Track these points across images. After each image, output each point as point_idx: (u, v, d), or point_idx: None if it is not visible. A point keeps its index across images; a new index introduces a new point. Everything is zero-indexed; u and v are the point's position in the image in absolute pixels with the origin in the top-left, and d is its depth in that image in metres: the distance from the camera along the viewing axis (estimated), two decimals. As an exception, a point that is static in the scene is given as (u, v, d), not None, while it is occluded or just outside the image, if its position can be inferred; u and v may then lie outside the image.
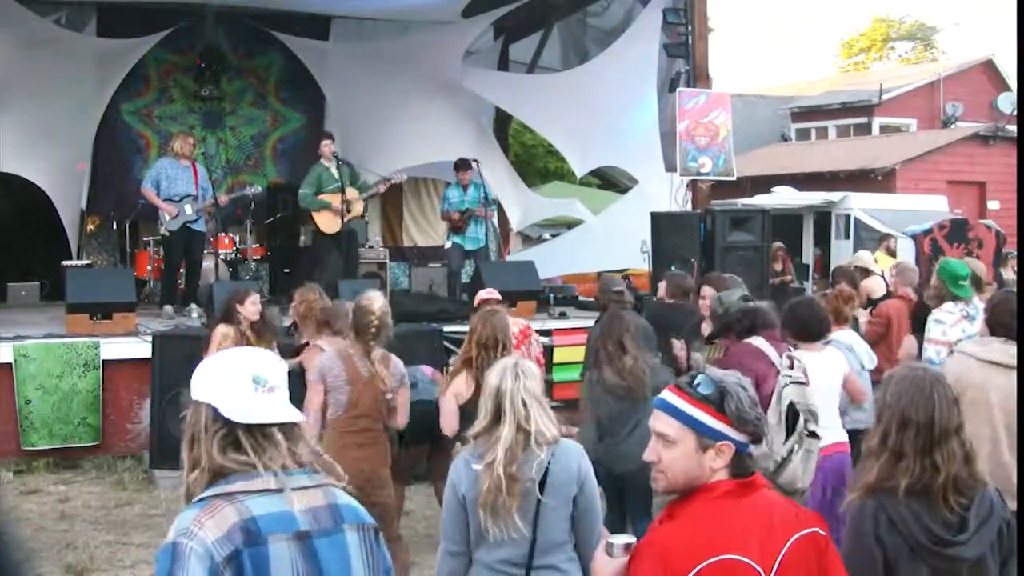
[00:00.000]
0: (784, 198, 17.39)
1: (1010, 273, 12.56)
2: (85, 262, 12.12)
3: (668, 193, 10.55)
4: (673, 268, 9.02)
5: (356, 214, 10.80)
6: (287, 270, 12.27)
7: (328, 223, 10.50)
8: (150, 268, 11.33)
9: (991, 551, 2.75)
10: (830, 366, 5.31)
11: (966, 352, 4.43)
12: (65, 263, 11.29)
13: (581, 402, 5.95)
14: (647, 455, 2.43)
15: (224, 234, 11.48)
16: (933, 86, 25.62)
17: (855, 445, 5.07)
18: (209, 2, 12.53)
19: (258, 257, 12.27)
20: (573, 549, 3.42)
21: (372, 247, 12.29)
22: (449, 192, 11.52)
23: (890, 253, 12.63)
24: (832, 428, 5.06)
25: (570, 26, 13.69)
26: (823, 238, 16.98)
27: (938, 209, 16.33)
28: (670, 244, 9.69)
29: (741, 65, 58.03)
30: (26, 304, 11.73)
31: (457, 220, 11.30)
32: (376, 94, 13.10)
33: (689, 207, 10.66)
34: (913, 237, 13.53)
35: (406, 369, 5.51)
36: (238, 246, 11.86)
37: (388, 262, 11.99)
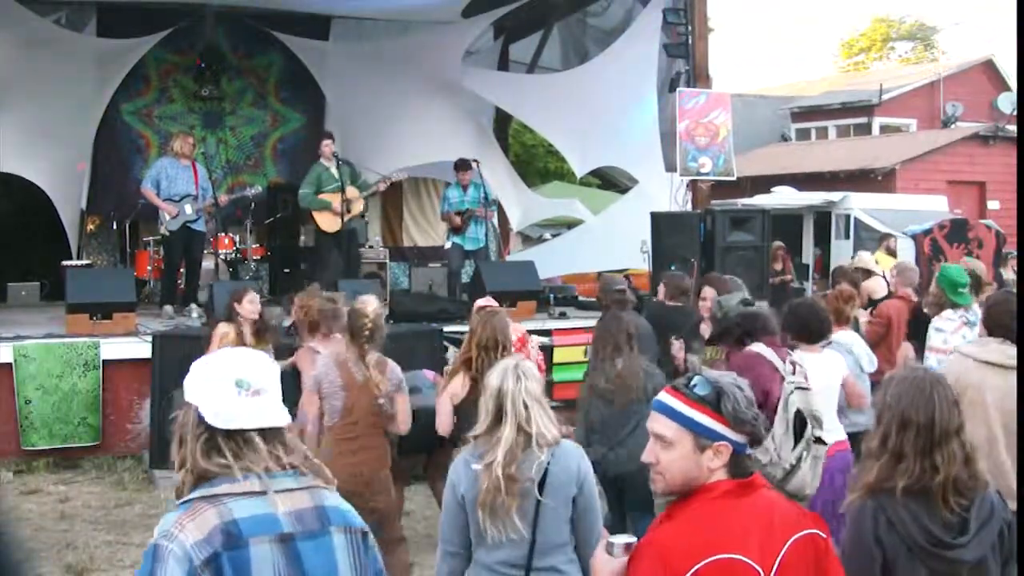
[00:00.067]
0: (784, 198, 17.38)
1: (1010, 273, 12.55)
2: (85, 262, 12.10)
3: (668, 193, 10.55)
4: (673, 268, 9.02)
5: (356, 213, 10.81)
6: (287, 270, 12.27)
7: (328, 222, 10.51)
8: (150, 268, 11.32)
9: (992, 553, 2.75)
10: (830, 368, 5.31)
11: (964, 353, 4.44)
12: (65, 263, 11.27)
13: (577, 403, 5.98)
14: (645, 456, 2.44)
15: (224, 234, 11.47)
16: (933, 86, 25.61)
17: (854, 448, 5.08)
18: (209, 2, 12.52)
19: (258, 257, 12.27)
20: (573, 551, 3.42)
21: (372, 247, 12.28)
22: (449, 192, 11.52)
23: (890, 253, 12.63)
24: (833, 430, 5.06)
25: (570, 26, 13.68)
26: (823, 238, 16.97)
27: (938, 209, 16.33)
28: (670, 244, 9.69)
29: (741, 65, 58.14)
30: (26, 304, 11.73)
31: (458, 223, 11.31)
32: (376, 94, 13.10)
33: (689, 207, 10.65)
34: (913, 237, 13.54)
35: (409, 374, 5.50)
36: (238, 246, 11.85)
37: (388, 262, 11.98)
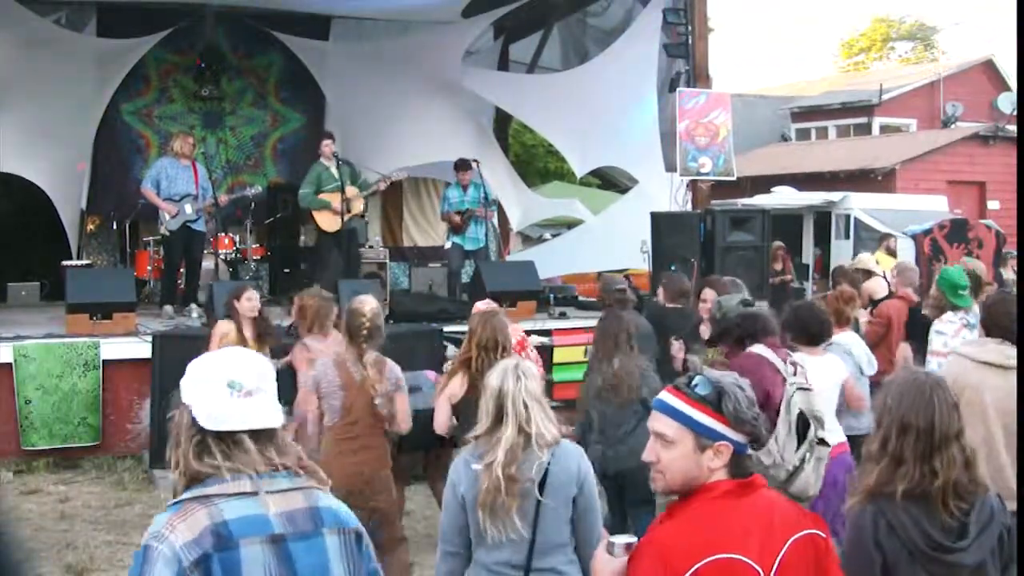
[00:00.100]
0: (784, 198, 17.39)
1: (1010, 273, 12.56)
2: (85, 262, 12.10)
3: (668, 193, 10.54)
4: (673, 268, 9.02)
5: (356, 213, 10.81)
6: (287, 270, 12.28)
7: (328, 222, 10.50)
8: (150, 268, 11.32)
9: (991, 557, 2.74)
10: (830, 371, 5.31)
11: (962, 353, 4.43)
12: (65, 263, 11.27)
13: (577, 403, 6.00)
14: (646, 455, 2.44)
15: (224, 234, 11.47)
16: (933, 86, 25.61)
17: (853, 451, 5.08)
18: (209, 2, 12.52)
19: (258, 257, 12.27)
20: (573, 551, 3.42)
21: (372, 247, 12.27)
22: (449, 192, 11.52)
23: (890, 253, 12.64)
24: (832, 431, 5.05)
25: (570, 26, 13.68)
26: (823, 238, 16.98)
27: (938, 209, 16.34)
28: (670, 244, 9.69)
29: (741, 65, 58.13)
30: (26, 304, 11.72)
31: (458, 223, 11.31)
32: (376, 94, 13.09)
33: (689, 207, 10.65)
34: (913, 237, 13.55)
35: (410, 374, 5.50)
36: (238, 246, 11.85)
37: (388, 262, 11.97)
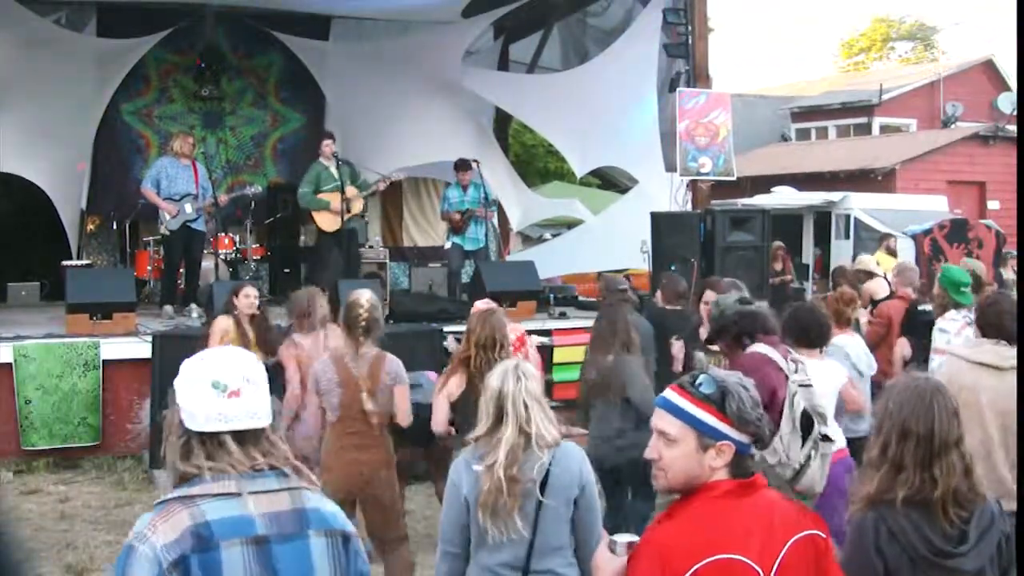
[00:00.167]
0: (784, 198, 17.40)
1: (1010, 273, 12.57)
2: (85, 262, 12.10)
3: (668, 193, 10.54)
4: (673, 268, 9.02)
5: (356, 213, 10.81)
6: (287, 270, 12.28)
7: (328, 222, 10.50)
8: (150, 268, 11.32)
9: (990, 564, 2.74)
10: (828, 375, 5.29)
11: (957, 354, 4.43)
12: (65, 263, 11.26)
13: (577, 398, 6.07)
14: (648, 453, 2.44)
15: (224, 234, 11.47)
16: (933, 86, 25.62)
17: (853, 453, 5.08)
18: (209, 2, 12.51)
19: (258, 257, 12.28)
20: (573, 554, 3.41)
21: (372, 247, 12.27)
22: (449, 192, 11.51)
23: (890, 253, 12.65)
24: (833, 435, 5.04)
25: (570, 26, 13.68)
26: (823, 238, 16.99)
27: (938, 209, 16.35)
28: (670, 244, 9.68)
29: (741, 65, 58.14)
30: (26, 304, 11.72)
31: (458, 221, 11.30)
32: (376, 94, 13.09)
33: (689, 207, 10.64)
34: (913, 237, 13.57)
35: (412, 374, 5.51)
36: (238, 246, 11.86)
37: (388, 262, 11.97)
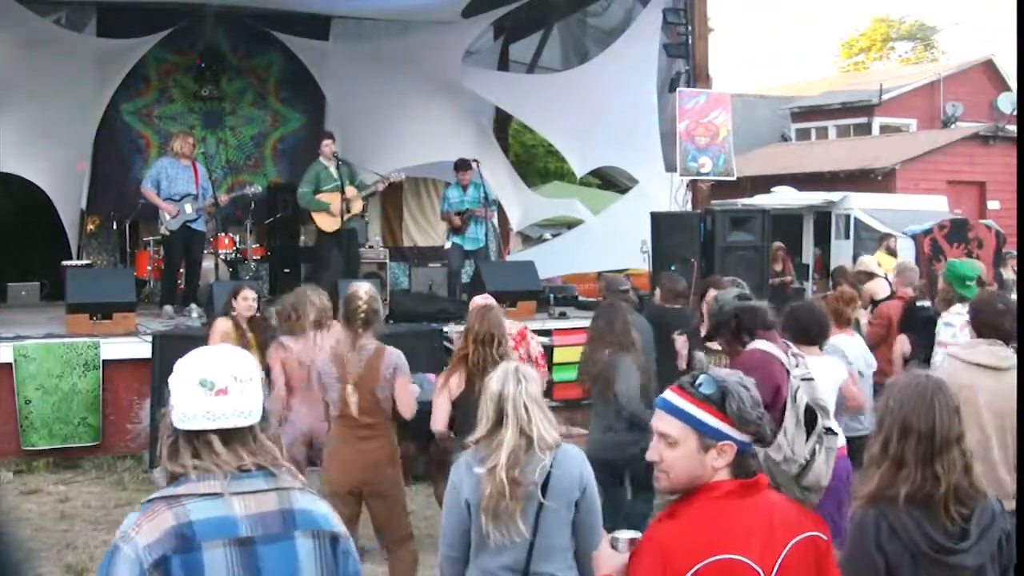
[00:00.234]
0: (784, 198, 17.40)
1: (1010, 273, 12.57)
2: (85, 262, 12.09)
3: (668, 193, 10.54)
4: (673, 268, 9.02)
5: (355, 213, 10.80)
6: (287, 270, 12.26)
7: (327, 222, 10.50)
8: (150, 268, 11.32)
9: (991, 562, 2.74)
10: (828, 372, 5.29)
11: (953, 355, 4.43)
12: (65, 263, 11.26)
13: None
14: (650, 455, 2.44)
15: (224, 234, 11.47)
16: (933, 86, 25.62)
17: (853, 453, 5.08)
18: (209, 2, 12.51)
19: (258, 257, 12.27)
20: (573, 557, 3.40)
21: (372, 247, 12.27)
22: (449, 192, 11.51)
23: (891, 253, 12.65)
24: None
25: (570, 26, 13.68)
26: (823, 238, 16.99)
27: (938, 209, 16.35)
28: (670, 244, 9.69)
29: (741, 65, 58.01)
30: (26, 304, 11.72)
31: (458, 223, 11.30)
32: (376, 94, 13.09)
33: (689, 207, 10.64)
34: (913, 237, 13.56)
35: (413, 375, 5.51)
36: (238, 246, 11.85)
37: (388, 262, 11.97)
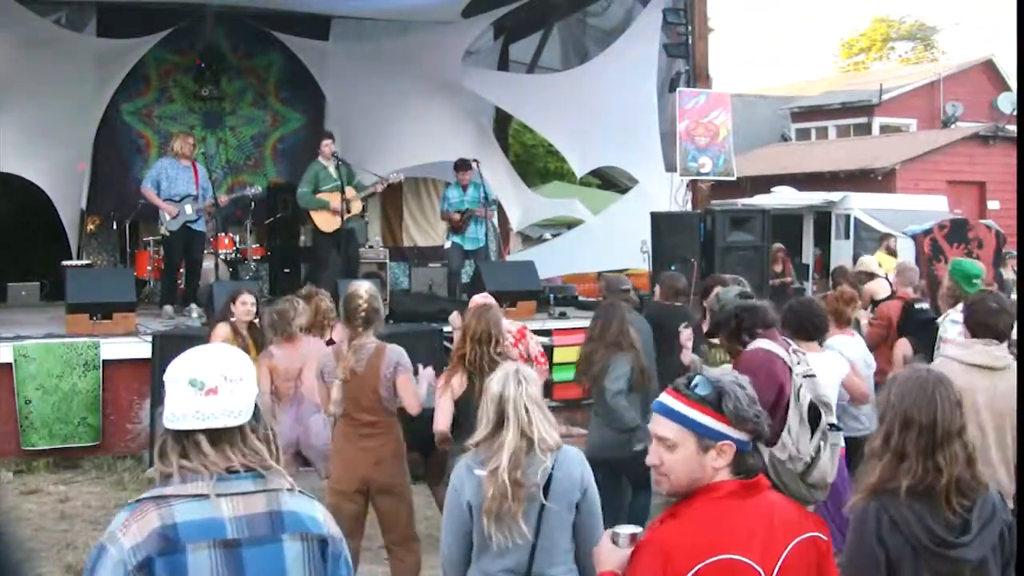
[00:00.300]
0: (784, 198, 17.40)
1: (1010, 273, 12.56)
2: (85, 262, 12.10)
3: (668, 193, 10.55)
4: (673, 268, 9.02)
5: (355, 213, 10.80)
6: (287, 270, 12.27)
7: (327, 222, 10.49)
8: (150, 268, 11.32)
9: (992, 554, 2.74)
10: (829, 367, 5.29)
11: (948, 356, 4.42)
12: (65, 263, 11.26)
13: None
14: (650, 459, 2.44)
15: (224, 234, 11.47)
16: (933, 86, 25.62)
17: (852, 452, 5.08)
18: (209, 2, 12.51)
19: (258, 257, 12.27)
20: (573, 560, 3.40)
21: (372, 247, 12.28)
22: (449, 192, 11.51)
23: (891, 253, 12.65)
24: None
25: (570, 26, 13.68)
26: (823, 238, 16.99)
27: (938, 209, 16.35)
28: (670, 244, 9.69)
29: (741, 65, 57.96)
30: (26, 304, 11.72)
31: (457, 221, 11.30)
32: (376, 94, 13.09)
33: (689, 207, 10.65)
34: (913, 237, 13.54)
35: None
36: (238, 246, 11.86)
37: (388, 262, 11.97)
